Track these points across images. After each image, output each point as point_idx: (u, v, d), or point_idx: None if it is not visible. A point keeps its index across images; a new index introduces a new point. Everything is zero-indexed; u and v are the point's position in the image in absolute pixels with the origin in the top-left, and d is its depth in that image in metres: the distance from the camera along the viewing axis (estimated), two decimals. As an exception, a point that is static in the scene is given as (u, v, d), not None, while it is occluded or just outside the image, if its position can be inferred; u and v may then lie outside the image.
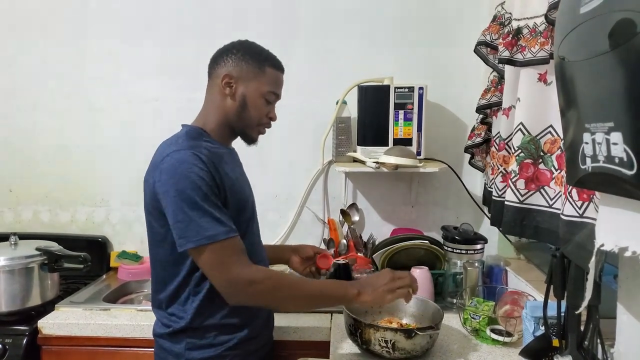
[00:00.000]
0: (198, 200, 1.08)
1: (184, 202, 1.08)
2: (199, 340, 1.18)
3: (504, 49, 1.39)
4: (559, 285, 0.96)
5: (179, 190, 1.09)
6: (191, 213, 1.08)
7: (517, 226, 1.37)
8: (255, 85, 1.23)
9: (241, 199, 1.22)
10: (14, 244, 1.64)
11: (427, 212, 2.03)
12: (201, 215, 1.08)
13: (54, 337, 1.53)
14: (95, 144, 2.06)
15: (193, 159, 1.11)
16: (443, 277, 1.69)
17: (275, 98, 1.27)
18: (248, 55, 1.23)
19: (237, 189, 1.21)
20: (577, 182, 0.73)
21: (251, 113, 1.23)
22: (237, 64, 1.23)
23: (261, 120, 1.26)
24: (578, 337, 0.93)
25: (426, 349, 1.24)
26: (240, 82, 1.22)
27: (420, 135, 1.81)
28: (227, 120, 1.25)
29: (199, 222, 1.08)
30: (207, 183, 1.10)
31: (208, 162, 1.12)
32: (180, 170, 1.10)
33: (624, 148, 0.58)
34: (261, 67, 1.23)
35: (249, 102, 1.23)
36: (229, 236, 1.10)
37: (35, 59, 2.04)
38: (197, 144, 1.17)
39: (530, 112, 1.32)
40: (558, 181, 1.26)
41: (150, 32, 2.00)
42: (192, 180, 1.09)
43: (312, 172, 2.01)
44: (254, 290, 1.11)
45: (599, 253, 0.73)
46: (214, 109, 1.25)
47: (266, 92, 1.23)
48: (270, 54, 1.27)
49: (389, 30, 1.96)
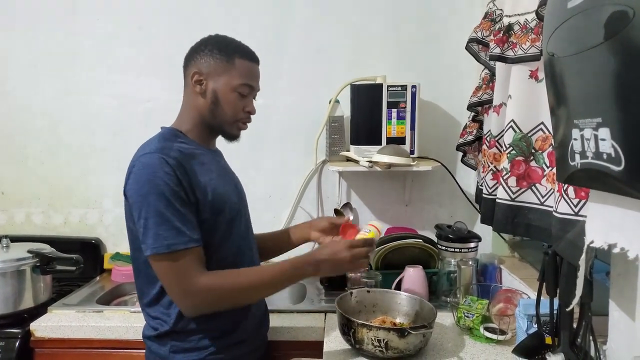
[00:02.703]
0: (160, 206, 1.05)
1: (146, 207, 1.06)
2: (183, 344, 1.16)
3: (495, 46, 1.38)
4: (551, 282, 0.96)
5: (142, 195, 1.07)
6: (152, 220, 1.06)
7: (508, 224, 1.37)
8: (226, 79, 1.18)
9: (218, 200, 1.16)
10: (6, 247, 1.63)
11: (421, 211, 2.03)
12: (161, 223, 1.05)
13: (46, 339, 1.52)
14: (87, 146, 2.05)
15: (158, 163, 1.07)
16: (437, 275, 1.68)
17: (249, 90, 1.21)
18: (216, 49, 1.19)
19: (213, 191, 1.16)
20: (567, 179, 0.73)
21: (225, 109, 1.19)
22: (206, 60, 1.19)
23: (237, 115, 1.21)
24: (571, 335, 0.93)
25: (419, 347, 1.23)
26: (209, 78, 1.18)
27: (414, 134, 1.81)
28: (202, 119, 1.21)
29: (157, 230, 1.05)
30: (172, 188, 1.07)
31: (176, 164, 1.09)
32: (144, 175, 1.07)
33: (611, 144, 0.58)
34: (230, 59, 1.18)
35: (220, 98, 1.18)
36: (187, 247, 1.06)
37: (27, 61, 2.02)
38: (168, 145, 1.13)
39: (522, 109, 1.32)
40: (549, 178, 1.25)
41: (142, 33, 1.99)
42: (156, 184, 1.06)
43: (306, 172, 2.01)
44: (212, 298, 1.09)
45: (589, 250, 0.73)
46: (189, 108, 1.22)
47: (238, 85, 1.18)
48: (241, 44, 1.22)
49: (381, 28, 1.96)
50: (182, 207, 1.08)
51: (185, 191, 1.09)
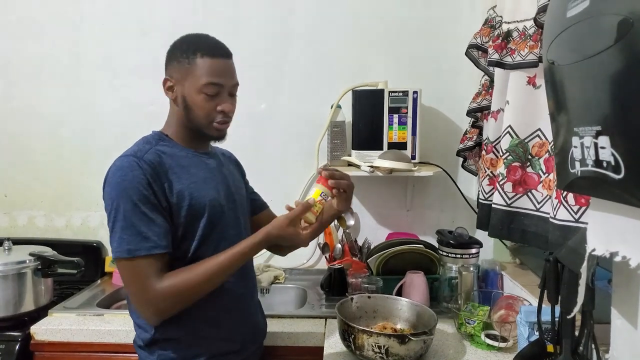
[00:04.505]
0: (127, 210, 1.03)
1: (114, 211, 1.05)
2: (169, 353, 1.12)
3: (494, 52, 1.39)
4: (553, 290, 0.95)
5: (111, 198, 1.05)
6: (117, 223, 1.04)
7: (504, 229, 1.37)
8: (190, 82, 1.12)
9: (196, 205, 1.12)
10: (8, 249, 1.63)
11: (422, 216, 2.02)
12: (126, 227, 1.03)
13: (46, 343, 1.52)
14: (90, 149, 2.05)
15: (129, 165, 1.06)
16: (438, 281, 1.68)
17: (216, 89, 1.13)
18: (178, 52, 1.14)
19: (191, 195, 1.12)
20: (567, 186, 0.72)
21: (196, 112, 1.14)
22: (172, 65, 1.15)
23: (209, 117, 1.14)
24: (572, 343, 0.92)
25: (420, 354, 1.23)
26: (178, 84, 1.15)
27: (415, 139, 1.81)
28: (182, 124, 1.18)
29: (122, 234, 1.03)
30: (141, 192, 1.04)
31: (148, 167, 1.06)
32: (115, 178, 1.06)
33: (611, 152, 0.57)
34: (190, 60, 1.12)
35: (189, 102, 1.13)
36: (150, 253, 1.03)
37: (30, 64, 2.03)
38: (146, 148, 1.12)
39: (519, 115, 1.32)
40: (546, 185, 1.25)
41: (145, 37, 2.00)
42: (124, 187, 1.04)
43: (307, 176, 2.01)
44: (171, 301, 1.05)
45: (590, 258, 0.73)
46: (171, 114, 1.21)
47: (202, 86, 1.11)
48: (203, 40, 1.16)
49: (383, 34, 1.96)
50: (151, 212, 1.05)
51: (156, 195, 1.06)
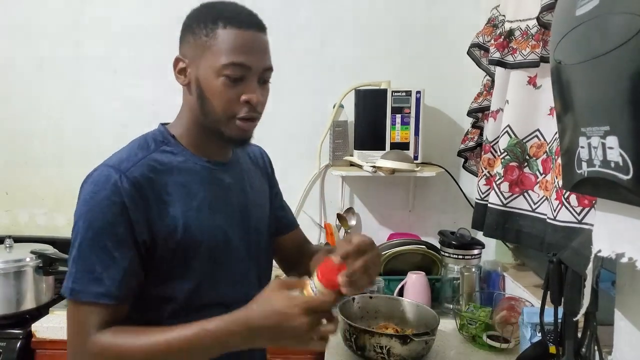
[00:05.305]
0: (85, 237, 0.83)
1: (73, 232, 0.86)
2: None
3: (495, 50, 1.38)
4: (556, 291, 0.95)
5: (76, 216, 0.86)
6: (72, 250, 0.85)
7: (499, 229, 1.36)
8: (207, 61, 0.87)
9: (190, 239, 0.87)
10: (9, 247, 1.63)
11: (424, 217, 2.02)
12: (78, 258, 0.83)
13: (48, 340, 1.51)
14: (91, 148, 2.04)
15: (104, 181, 0.85)
16: (440, 282, 1.68)
17: (241, 71, 0.86)
18: (194, 22, 0.89)
19: (185, 225, 0.87)
20: (573, 187, 0.72)
21: (212, 103, 0.88)
22: (185, 40, 0.91)
23: (230, 109, 0.88)
24: (575, 344, 0.92)
25: (422, 355, 1.23)
26: (192, 64, 0.89)
27: (418, 140, 1.81)
28: (195, 119, 0.92)
29: (72, 266, 0.84)
30: (107, 219, 0.82)
31: (129, 188, 0.84)
32: (84, 192, 0.87)
33: (619, 152, 0.57)
34: (209, 32, 0.86)
35: (204, 89, 0.88)
36: (96, 300, 0.81)
37: (32, 63, 2.03)
38: (137, 157, 0.89)
39: (518, 115, 1.32)
40: (542, 186, 1.25)
41: (147, 36, 1.99)
42: (89, 208, 0.84)
43: (309, 176, 2.01)
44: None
45: (596, 259, 0.72)
46: (183, 108, 0.96)
47: (221, 67, 0.85)
48: (228, 6, 0.90)
49: (386, 33, 1.96)
50: (115, 248, 0.83)
51: (130, 226, 0.83)
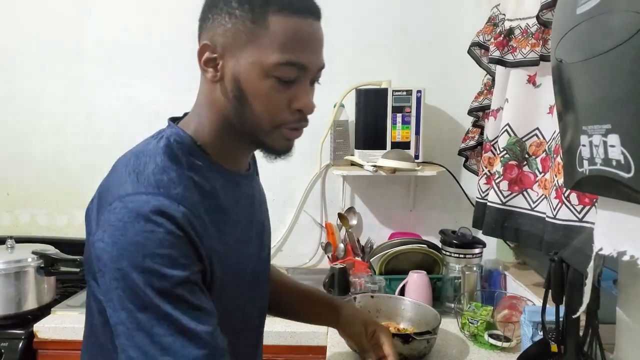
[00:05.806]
0: (153, 295, 0.63)
1: (129, 293, 0.64)
2: None
3: (495, 49, 1.38)
4: (558, 289, 0.95)
5: (123, 270, 0.63)
6: (140, 316, 0.63)
7: (498, 228, 1.37)
8: (252, 55, 0.70)
9: (225, 279, 0.74)
10: (11, 248, 1.64)
11: (426, 216, 2.02)
12: (158, 324, 0.63)
13: (49, 341, 1.52)
14: (92, 148, 2.05)
15: (156, 217, 0.65)
16: (441, 281, 1.68)
17: (297, 72, 0.73)
18: (236, 1, 0.70)
19: (223, 265, 0.74)
20: (574, 186, 0.72)
21: (255, 108, 0.72)
22: (218, 21, 0.71)
23: (276, 117, 0.73)
24: (577, 343, 0.92)
25: (423, 354, 1.23)
26: (228, 55, 0.71)
27: (418, 139, 1.80)
28: (227, 123, 0.75)
29: (155, 338, 0.63)
30: (177, 261, 0.64)
31: (185, 218, 0.66)
32: (130, 235, 0.64)
33: (621, 150, 0.57)
34: (257, 16, 0.69)
35: (245, 89, 0.71)
36: None
37: (33, 63, 2.03)
38: (174, 176, 0.70)
39: (518, 113, 1.32)
40: (542, 184, 1.25)
41: (148, 35, 2.00)
42: (148, 254, 0.63)
43: (310, 176, 2.01)
44: None
45: (597, 257, 0.72)
46: (205, 106, 0.77)
47: (272, 66, 0.70)
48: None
49: (387, 32, 1.96)
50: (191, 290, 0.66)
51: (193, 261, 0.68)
